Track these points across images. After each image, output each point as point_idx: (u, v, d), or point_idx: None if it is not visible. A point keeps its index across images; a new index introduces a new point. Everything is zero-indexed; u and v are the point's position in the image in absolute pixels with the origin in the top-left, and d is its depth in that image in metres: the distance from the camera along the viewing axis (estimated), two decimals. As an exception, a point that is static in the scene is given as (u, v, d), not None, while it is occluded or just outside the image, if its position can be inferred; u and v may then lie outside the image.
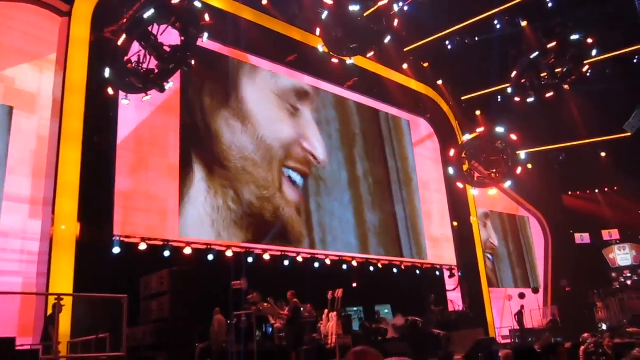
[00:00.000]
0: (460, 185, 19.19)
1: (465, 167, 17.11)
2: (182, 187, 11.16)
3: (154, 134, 13.35)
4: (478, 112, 18.02)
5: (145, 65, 9.83)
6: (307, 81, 17.47)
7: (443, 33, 18.49)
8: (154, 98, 13.13)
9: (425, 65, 20.89)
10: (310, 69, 17.33)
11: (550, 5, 16.68)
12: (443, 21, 18.34)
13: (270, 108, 12.43)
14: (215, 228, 11.38)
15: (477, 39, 18.60)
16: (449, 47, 18.91)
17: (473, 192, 20.41)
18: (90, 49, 11.98)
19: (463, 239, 21.27)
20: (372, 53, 14.31)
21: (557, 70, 15.17)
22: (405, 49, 19.40)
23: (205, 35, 10.11)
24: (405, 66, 20.11)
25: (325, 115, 14.63)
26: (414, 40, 19.01)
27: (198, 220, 11.51)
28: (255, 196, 11.49)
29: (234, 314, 10.49)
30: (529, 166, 19.56)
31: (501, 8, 17.56)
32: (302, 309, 11.38)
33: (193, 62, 10.03)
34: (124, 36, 9.26)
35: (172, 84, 10.43)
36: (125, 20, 9.40)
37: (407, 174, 20.36)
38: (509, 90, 16.73)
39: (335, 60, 14.44)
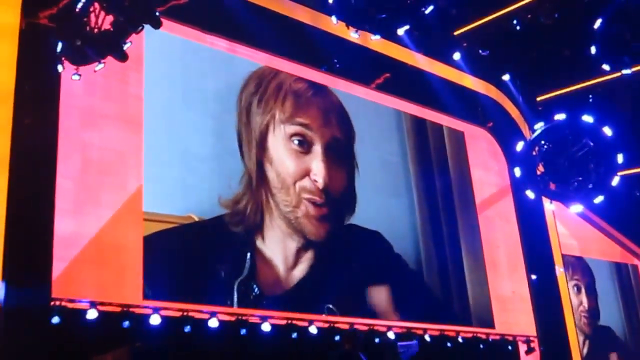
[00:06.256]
0: (530, 194, 18.71)
1: (539, 171, 16.73)
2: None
3: (107, 156, 13.42)
4: (561, 116, 17.88)
5: (98, 28, 10.17)
6: (321, 80, 17.70)
7: (509, 8, 18.48)
8: (109, 108, 13.29)
9: (485, 54, 20.91)
10: (325, 61, 17.52)
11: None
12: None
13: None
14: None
15: (556, 15, 18.58)
16: (518, 28, 18.90)
17: (549, 206, 20.20)
18: (21, 39, 12.13)
19: (545, 298, 21.05)
20: (405, 28, 14.10)
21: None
22: (456, 32, 19.43)
23: None
24: (456, 56, 20.10)
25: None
26: (468, 20, 19.04)
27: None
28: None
29: None
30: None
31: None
32: None
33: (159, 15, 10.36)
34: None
35: (130, 44, 10.64)
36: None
37: (461, 206, 20.30)
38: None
39: (355, 35, 14.23)
